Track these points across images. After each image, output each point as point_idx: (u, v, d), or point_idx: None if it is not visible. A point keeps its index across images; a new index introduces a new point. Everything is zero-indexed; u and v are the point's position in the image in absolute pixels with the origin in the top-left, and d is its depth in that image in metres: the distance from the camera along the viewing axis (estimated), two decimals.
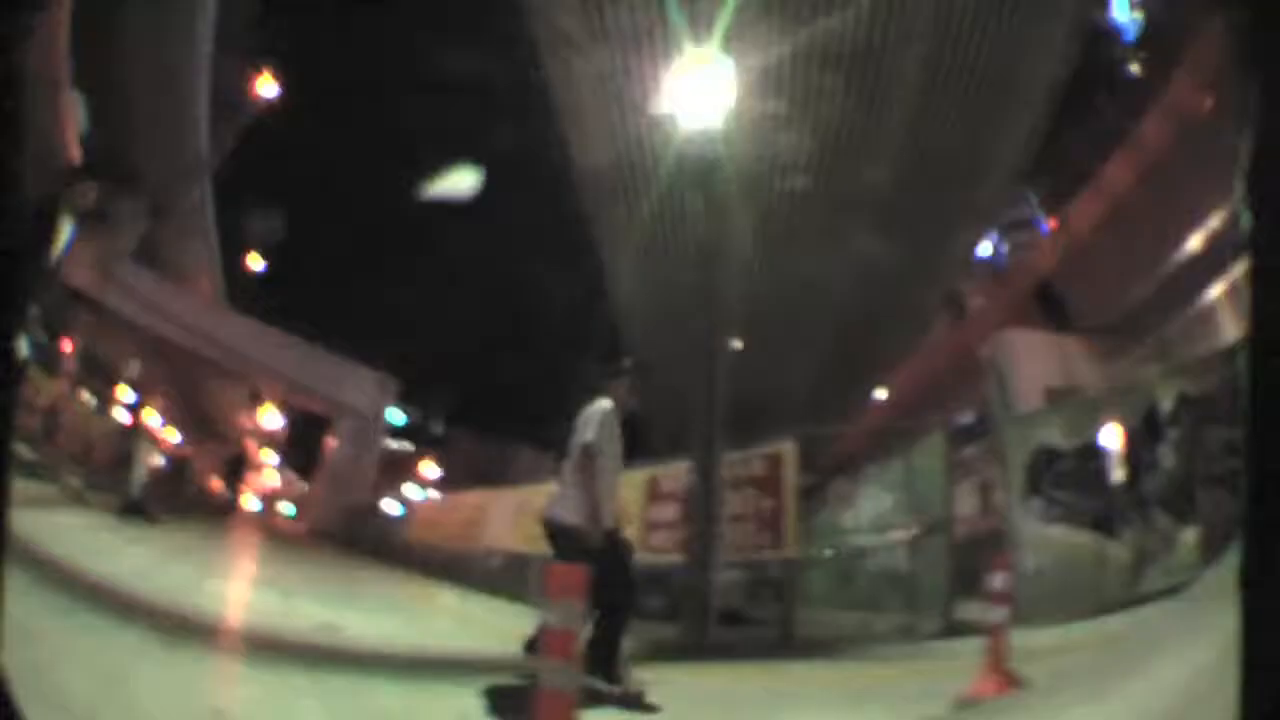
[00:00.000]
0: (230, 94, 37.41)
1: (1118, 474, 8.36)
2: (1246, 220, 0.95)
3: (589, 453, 5.80)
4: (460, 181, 27.75)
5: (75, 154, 32.85)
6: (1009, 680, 4.48)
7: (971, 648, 5.85)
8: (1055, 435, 8.92)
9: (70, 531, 8.75)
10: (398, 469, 51.78)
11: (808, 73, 15.97)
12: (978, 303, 32.03)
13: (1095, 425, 8.64)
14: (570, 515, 5.77)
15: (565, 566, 4.54)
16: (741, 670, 7.77)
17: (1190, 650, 3.51)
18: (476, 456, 57.05)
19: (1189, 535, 7.48)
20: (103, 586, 5.89)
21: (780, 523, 9.92)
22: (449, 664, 6.99)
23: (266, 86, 37.52)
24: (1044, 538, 8.69)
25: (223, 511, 30.96)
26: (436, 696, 5.29)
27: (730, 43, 13.40)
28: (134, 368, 38.94)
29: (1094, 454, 8.59)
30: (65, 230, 8.39)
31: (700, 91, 12.59)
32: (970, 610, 8.31)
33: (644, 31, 15.07)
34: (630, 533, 11.79)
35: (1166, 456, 7.95)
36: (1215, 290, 22.15)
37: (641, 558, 11.46)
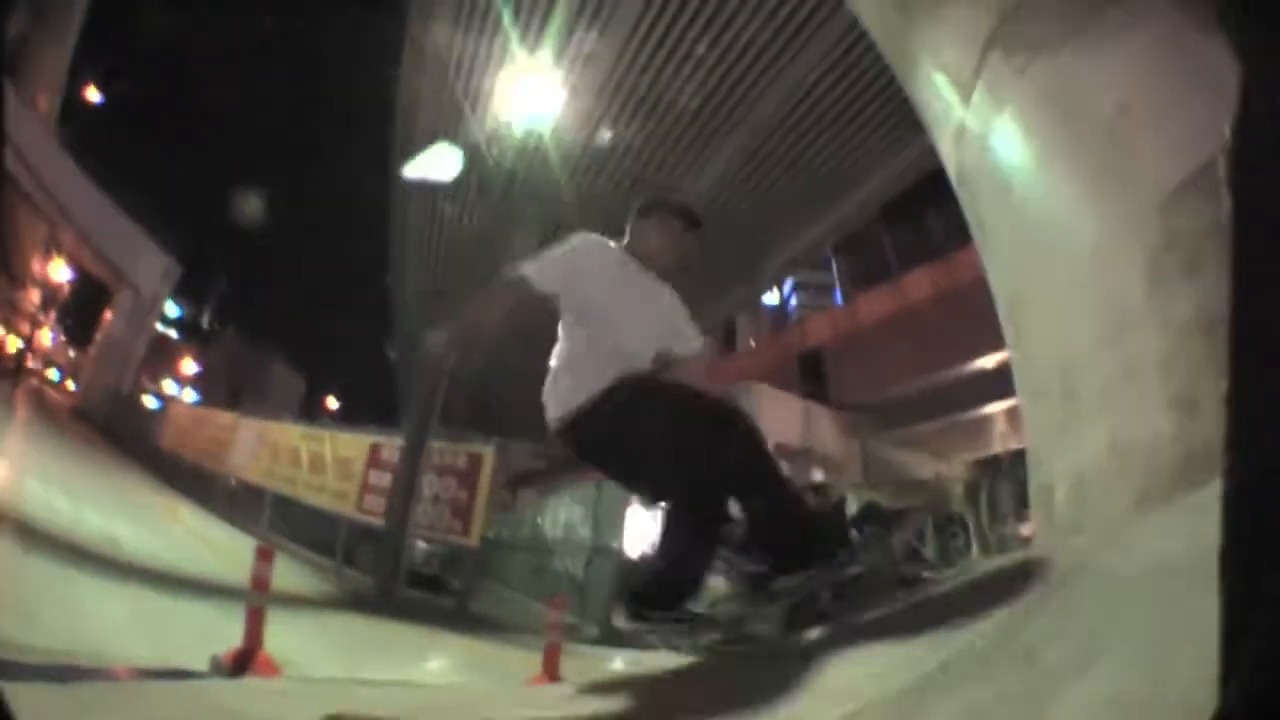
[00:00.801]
0: None
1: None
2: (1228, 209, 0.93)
3: (509, 282, 3.50)
4: (443, 162, 27.08)
5: None
6: (553, 678, 5.72)
7: (614, 655, 7.18)
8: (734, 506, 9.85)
9: None
10: (162, 359, 50.63)
11: (635, 88, 16.48)
12: (747, 344, 33.84)
13: None
14: (552, 405, 3.48)
15: None
16: (402, 628, 8.47)
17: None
18: (236, 361, 56.48)
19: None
20: None
21: (470, 513, 10.90)
22: (198, 584, 7.49)
23: None
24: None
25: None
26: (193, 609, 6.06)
27: (560, 52, 14.19)
28: None
29: None
30: None
31: (529, 97, 13.77)
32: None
33: (478, 37, 15.38)
34: (350, 489, 12.84)
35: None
36: (991, 408, 24.09)
37: (355, 516, 12.59)
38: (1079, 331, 3.42)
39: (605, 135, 17.53)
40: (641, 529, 12.66)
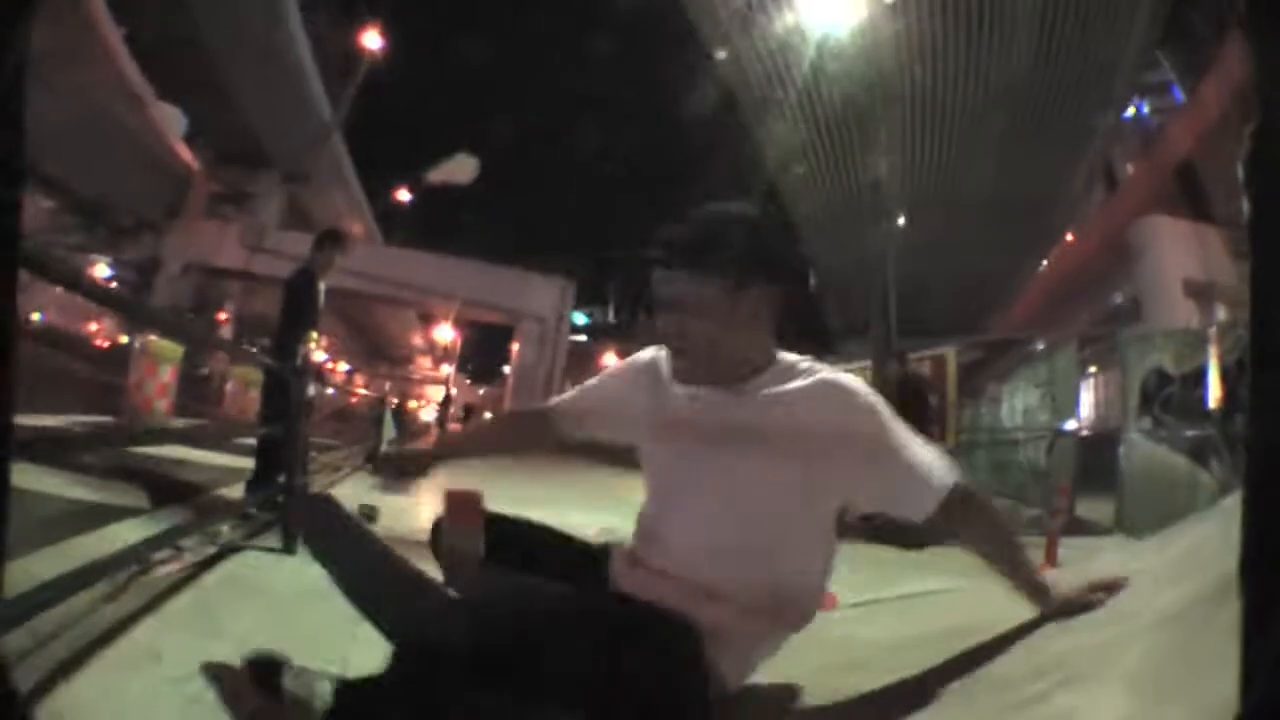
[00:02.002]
0: (338, 52, 39.45)
1: (1214, 408, 8.62)
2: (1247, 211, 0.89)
3: None
4: (462, 168, 28.08)
5: (185, 155, 36.32)
6: (1053, 565, 5.97)
7: (1078, 544, 7.02)
8: (1167, 360, 9.38)
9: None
10: (580, 365, 54.45)
11: None
12: (1127, 173, 31.63)
13: (1200, 357, 8.94)
14: None
15: None
16: (888, 551, 8.25)
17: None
18: (653, 337, 59.80)
19: None
20: None
21: (944, 417, 10.72)
22: None
23: (371, 38, 39.11)
24: (1148, 455, 9.36)
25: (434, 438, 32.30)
26: None
27: None
28: None
29: (1198, 383, 8.89)
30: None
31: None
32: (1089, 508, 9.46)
33: None
34: None
35: None
36: None
37: None
38: None
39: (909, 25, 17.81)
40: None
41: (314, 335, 6.18)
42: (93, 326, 32.63)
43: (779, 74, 21.14)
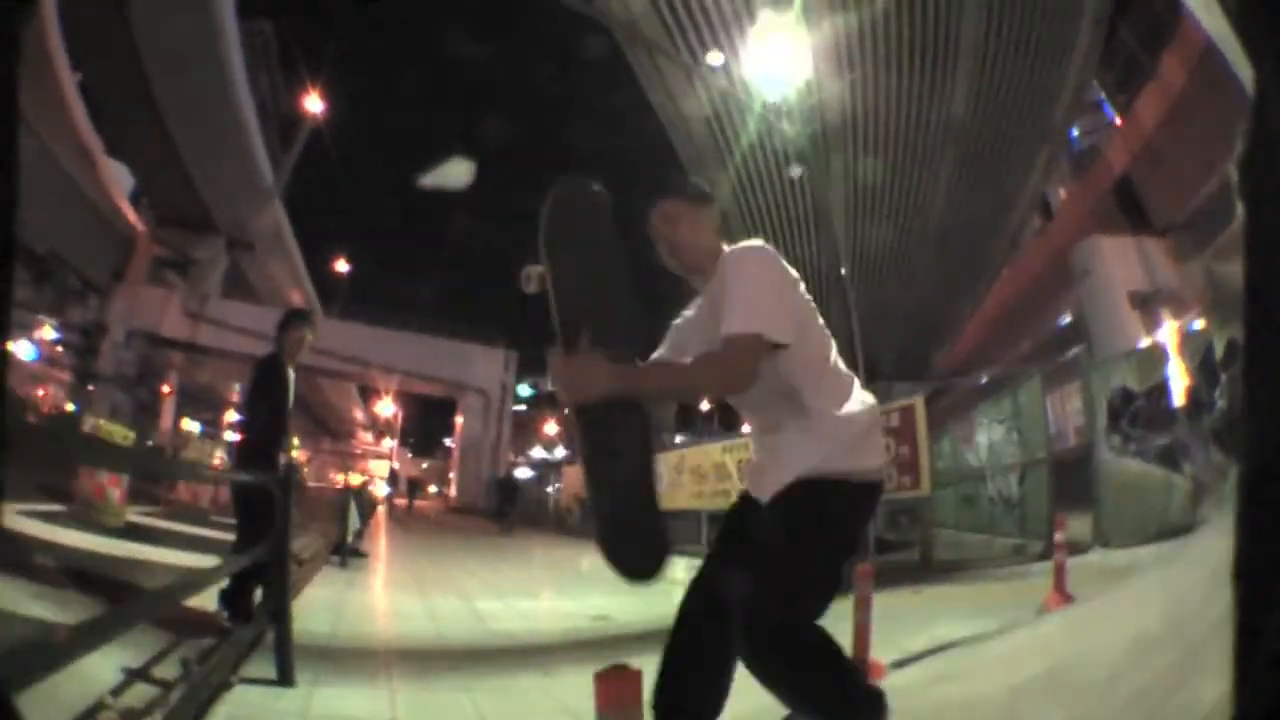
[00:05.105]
0: (280, 117, 39.95)
1: (1181, 412, 8.97)
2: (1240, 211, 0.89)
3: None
4: (456, 171, 27.98)
5: (130, 216, 35.96)
6: (1066, 598, 6.08)
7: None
8: (1130, 378, 9.72)
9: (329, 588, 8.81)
10: (524, 435, 54.18)
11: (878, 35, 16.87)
12: (1062, 199, 32.31)
13: (1162, 370, 9.31)
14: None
15: None
16: (894, 590, 8.13)
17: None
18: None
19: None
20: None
21: (917, 466, 10.77)
22: None
23: (313, 102, 39.70)
24: (1122, 470, 9.56)
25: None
26: None
27: (807, 12, 14.53)
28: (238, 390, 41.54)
29: (1161, 394, 9.25)
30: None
31: (779, 57, 13.58)
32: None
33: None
34: None
35: (1221, 398, 8.53)
36: None
37: None
38: None
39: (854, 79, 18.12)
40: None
41: (294, 441, 5.79)
42: (39, 393, 31.44)
43: (724, 130, 21.27)
